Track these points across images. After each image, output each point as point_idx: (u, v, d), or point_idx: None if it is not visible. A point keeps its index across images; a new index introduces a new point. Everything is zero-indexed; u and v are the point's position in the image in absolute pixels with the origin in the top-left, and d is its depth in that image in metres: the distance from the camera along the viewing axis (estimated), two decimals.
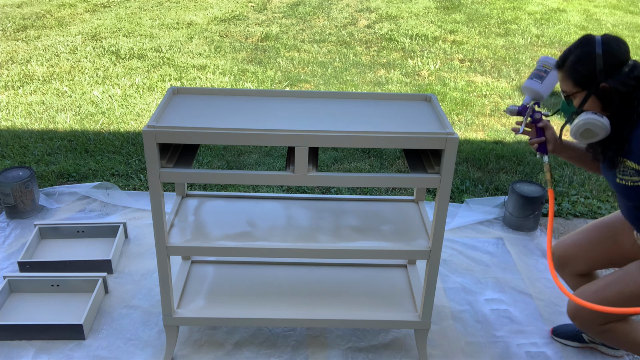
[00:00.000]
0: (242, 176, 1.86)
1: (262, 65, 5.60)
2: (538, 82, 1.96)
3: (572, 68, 1.77)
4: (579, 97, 1.80)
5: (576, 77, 1.77)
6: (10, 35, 6.34)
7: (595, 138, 1.80)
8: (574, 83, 1.79)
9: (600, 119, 1.75)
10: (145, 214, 3.21)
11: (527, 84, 1.98)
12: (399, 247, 2.04)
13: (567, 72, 1.80)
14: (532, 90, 1.97)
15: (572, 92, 1.81)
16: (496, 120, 4.52)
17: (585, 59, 1.74)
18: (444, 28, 6.82)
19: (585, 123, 1.77)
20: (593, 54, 1.73)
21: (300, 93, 2.14)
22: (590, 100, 1.78)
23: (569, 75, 1.79)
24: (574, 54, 1.77)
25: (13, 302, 2.50)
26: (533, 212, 3.08)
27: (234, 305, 2.22)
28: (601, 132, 1.77)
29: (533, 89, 1.96)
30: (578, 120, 1.78)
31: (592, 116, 1.76)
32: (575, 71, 1.77)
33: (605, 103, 1.77)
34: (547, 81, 1.95)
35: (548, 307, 2.59)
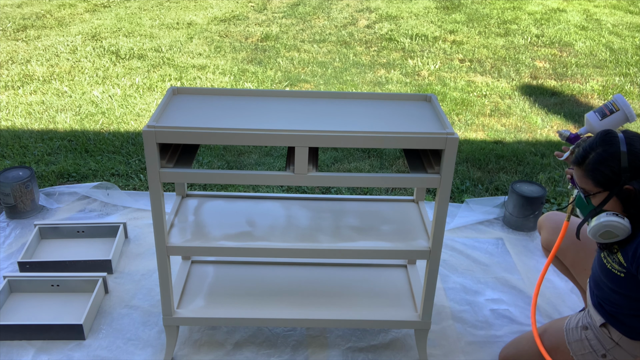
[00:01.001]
0: (242, 176, 1.86)
1: (262, 65, 5.60)
2: (598, 118, 1.94)
3: (595, 168, 1.68)
4: (600, 197, 1.71)
5: (598, 177, 1.69)
6: (10, 35, 6.34)
7: (614, 239, 1.71)
8: (595, 183, 1.70)
9: (622, 220, 1.66)
10: (145, 214, 3.21)
11: (589, 116, 1.98)
12: (399, 247, 2.04)
13: (588, 171, 1.70)
14: (590, 123, 1.97)
15: (592, 192, 1.73)
16: (496, 120, 4.52)
17: (609, 159, 1.66)
18: (444, 28, 6.82)
19: (607, 225, 1.68)
20: (617, 154, 1.65)
21: (300, 93, 2.14)
22: (612, 201, 1.70)
23: (591, 175, 1.70)
24: (596, 153, 1.68)
25: (13, 302, 2.50)
26: (533, 212, 3.08)
27: (234, 305, 2.22)
28: (622, 233, 1.68)
29: (591, 122, 1.96)
30: (599, 221, 1.69)
31: (614, 218, 1.67)
32: (597, 172, 1.68)
33: (627, 204, 1.68)
34: (607, 121, 1.93)
35: (548, 307, 2.59)
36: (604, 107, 1.97)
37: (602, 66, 5.79)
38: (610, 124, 1.93)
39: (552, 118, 4.62)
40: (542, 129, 4.44)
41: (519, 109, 4.76)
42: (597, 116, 1.96)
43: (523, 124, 4.49)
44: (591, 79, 5.46)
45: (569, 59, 5.97)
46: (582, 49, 6.25)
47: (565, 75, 5.57)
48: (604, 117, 1.94)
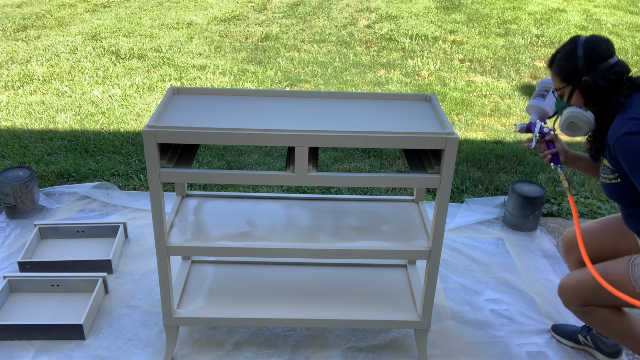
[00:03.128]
0: (242, 176, 1.86)
1: (262, 65, 5.60)
2: (541, 100, 2.07)
3: (558, 65, 1.92)
4: (566, 92, 1.94)
5: (561, 72, 1.91)
6: (10, 35, 6.34)
7: (580, 132, 1.92)
8: (560, 79, 1.93)
9: (584, 112, 1.88)
10: (145, 214, 3.21)
11: (532, 103, 2.10)
12: (399, 247, 2.04)
13: (554, 68, 1.94)
14: (537, 107, 2.09)
15: (559, 88, 1.95)
16: (496, 120, 4.52)
17: (569, 56, 1.89)
18: (444, 28, 6.82)
19: (570, 116, 1.90)
20: (576, 51, 1.87)
21: (300, 93, 2.14)
22: (575, 95, 1.91)
23: (556, 72, 1.94)
24: (560, 53, 1.92)
25: (13, 302, 2.50)
26: (533, 212, 3.08)
27: (234, 305, 2.22)
28: (584, 125, 1.89)
29: (537, 106, 2.08)
30: (564, 114, 1.92)
31: (576, 110, 1.89)
32: (560, 67, 1.91)
33: (587, 97, 1.89)
34: (549, 99, 2.07)
35: (548, 308, 2.59)
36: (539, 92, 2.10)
37: None
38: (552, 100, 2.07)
39: (552, 118, 4.61)
40: None
41: (519, 109, 4.76)
42: (540, 99, 2.08)
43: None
44: None
45: None
46: None
47: None
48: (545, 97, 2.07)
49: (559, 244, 3.06)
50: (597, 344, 2.30)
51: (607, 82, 1.84)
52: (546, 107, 2.07)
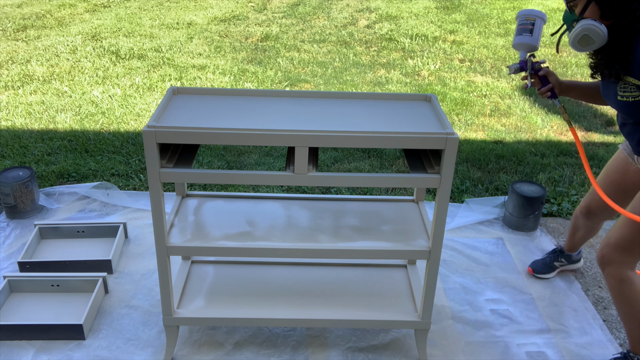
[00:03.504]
0: (242, 176, 1.86)
1: (262, 65, 5.60)
2: (528, 36, 2.00)
3: None
4: (581, 5, 1.84)
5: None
6: (10, 35, 6.34)
7: (592, 46, 1.84)
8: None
9: (599, 25, 1.79)
10: (145, 214, 3.21)
11: (519, 40, 2.02)
12: (399, 247, 2.04)
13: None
14: (525, 44, 2.02)
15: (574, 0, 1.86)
16: (496, 120, 4.52)
17: None
18: (444, 28, 6.82)
19: (583, 29, 1.81)
20: None
21: (300, 93, 2.14)
22: (591, 7, 1.82)
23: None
24: None
25: (13, 302, 2.50)
26: (533, 212, 3.08)
27: (234, 305, 2.22)
28: (598, 39, 1.81)
29: (526, 43, 2.01)
30: (576, 27, 1.83)
31: (590, 22, 1.79)
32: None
33: (604, 9, 1.80)
34: (536, 32, 2.00)
35: (548, 307, 2.59)
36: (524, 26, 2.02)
37: None
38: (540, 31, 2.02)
39: (552, 118, 4.62)
40: (542, 129, 4.44)
41: (519, 109, 4.76)
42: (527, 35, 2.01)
43: (523, 124, 4.49)
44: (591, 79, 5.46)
45: (569, 59, 5.97)
46: None
47: (565, 75, 5.57)
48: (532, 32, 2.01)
49: (559, 243, 3.06)
50: (571, 260, 2.75)
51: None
52: (535, 43, 2.01)
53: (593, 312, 2.57)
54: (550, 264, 2.77)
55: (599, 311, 2.59)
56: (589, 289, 2.73)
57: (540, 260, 2.81)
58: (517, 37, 2.03)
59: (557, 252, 2.78)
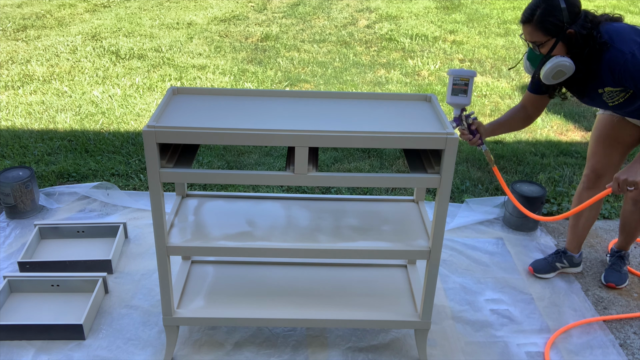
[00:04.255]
0: (242, 176, 1.86)
1: (262, 65, 5.60)
2: (463, 96, 2.18)
3: (543, 20, 2.05)
4: (548, 45, 2.10)
5: (547, 27, 2.06)
6: (10, 35, 6.34)
7: (563, 77, 2.13)
8: (545, 33, 2.08)
9: (567, 60, 2.09)
10: (145, 214, 3.21)
11: (455, 101, 2.20)
12: (399, 247, 2.04)
13: (537, 25, 2.07)
14: (461, 104, 2.21)
15: (542, 42, 2.10)
16: None
17: (553, 11, 2.04)
18: (444, 28, 6.82)
19: (557, 65, 2.09)
20: (558, 6, 2.04)
21: (300, 93, 2.14)
22: (558, 46, 2.10)
23: (540, 27, 2.07)
24: (541, 9, 2.05)
25: (13, 302, 2.50)
26: (533, 212, 3.08)
27: (234, 305, 2.22)
28: (569, 71, 2.11)
29: (461, 103, 2.20)
30: (550, 65, 2.10)
31: (562, 59, 2.09)
32: (546, 22, 2.05)
33: (570, 46, 2.09)
34: (469, 91, 2.18)
35: (548, 307, 2.59)
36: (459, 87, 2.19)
37: None
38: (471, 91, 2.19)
39: (552, 118, 4.62)
40: (542, 129, 4.44)
41: None
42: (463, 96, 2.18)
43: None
44: None
45: None
46: None
47: None
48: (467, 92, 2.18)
49: (559, 243, 3.06)
50: (572, 262, 2.78)
51: (586, 29, 2.06)
52: (468, 102, 2.19)
53: (593, 312, 2.57)
54: (551, 264, 2.78)
55: (599, 311, 2.59)
56: (589, 289, 2.73)
57: (542, 259, 2.82)
58: (452, 96, 2.19)
59: (560, 253, 2.79)
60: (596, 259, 2.94)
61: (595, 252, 3.00)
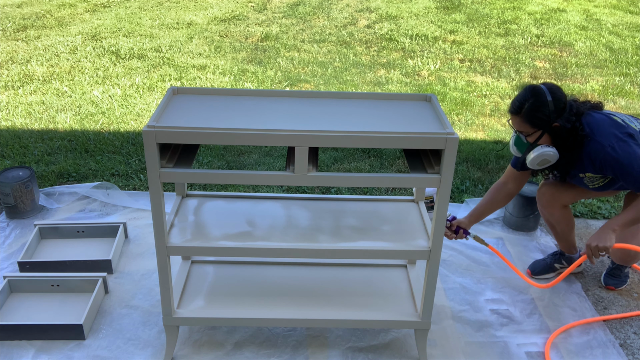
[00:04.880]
0: (242, 176, 1.86)
1: (262, 65, 5.60)
2: None
3: (531, 114, 2.19)
4: (535, 136, 2.24)
5: (535, 121, 2.19)
6: (10, 35, 6.34)
7: (547, 164, 2.29)
8: (532, 125, 2.21)
9: (552, 150, 2.24)
10: (145, 214, 3.21)
11: None
12: (399, 247, 2.04)
13: (525, 117, 2.20)
14: None
15: (529, 133, 2.24)
16: (496, 120, 4.52)
17: (540, 107, 2.17)
18: (444, 28, 6.82)
19: (542, 154, 2.24)
20: (546, 102, 2.17)
21: (300, 93, 2.14)
22: (544, 137, 2.25)
23: (527, 120, 2.20)
24: (529, 103, 2.18)
25: (13, 302, 2.50)
26: (533, 212, 3.08)
27: (234, 305, 2.22)
28: (553, 159, 2.26)
29: None
30: (536, 154, 2.24)
31: (547, 149, 2.24)
32: (534, 117, 2.19)
33: (554, 137, 2.24)
34: None
35: (548, 307, 2.59)
36: None
37: (602, 66, 5.79)
38: None
39: None
40: None
41: None
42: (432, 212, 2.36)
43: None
44: (591, 79, 5.46)
45: (569, 59, 5.97)
46: (582, 49, 6.25)
47: (565, 75, 5.57)
48: None
49: None
50: (572, 262, 2.77)
51: (571, 123, 2.21)
52: None
53: (593, 312, 2.57)
54: (550, 265, 2.78)
55: (599, 311, 2.59)
56: (589, 289, 2.73)
57: (541, 260, 2.82)
58: None
59: (558, 254, 2.79)
60: None
61: None
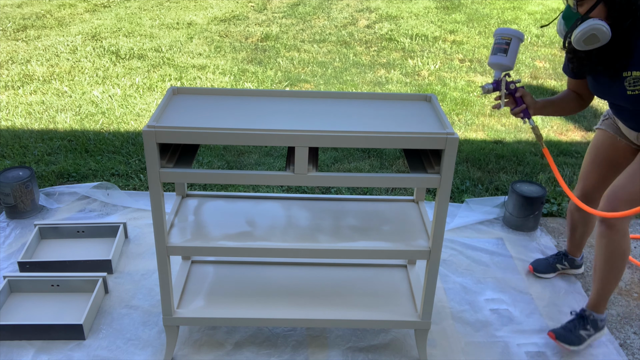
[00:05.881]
0: (242, 176, 1.86)
1: (262, 65, 5.60)
2: (503, 56, 2.00)
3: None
4: (589, 3, 1.88)
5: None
6: (10, 35, 6.34)
7: (596, 44, 1.90)
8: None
9: (605, 25, 1.85)
10: (145, 214, 3.21)
11: (494, 60, 2.03)
12: (399, 247, 2.04)
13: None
14: (500, 64, 2.02)
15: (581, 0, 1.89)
16: (496, 120, 4.52)
17: None
18: (444, 28, 6.82)
19: (592, 28, 1.86)
20: None
21: (300, 93, 2.14)
22: (598, 8, 1.87)
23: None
24: None
25: (13, 302, 2.50)
26: (533, 212, 3.08)
27: (234, 305, 2.22)
28: (604, 38, 1.87)
29: (501, 63, 2.02)
30: (584, 27, 1.87)
31: (597, 22, 1.85)
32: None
33: (611, 10, 1.86)
34: (511, 52, 2.00)
35: (548, 307, 2.59)
36: (500, 46, 2.02)
37: None
38: (515, 51, 2.02)
39: (552, 118, 4.62)
40: (542, 129, 4.43)
41: None
42: (502, 55, 2.00)
43: (523, 124, 4.49)
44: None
45: None
46: None
47: (566, 75, 5.57)
48: (507, 52, 2.00)
49: (559, 243, 3.06)
50: (574, 264, 2.75)
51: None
52: (509, 63, 2.01)
53: None
54: (552, 265, 2.77)
55: None
56: (589, 289, 2.73)
57: (543, 259, 2.81)
58: (492, 56, 2.04)
59: (562, 255, 2.77)
60: None
61: None
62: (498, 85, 2.08)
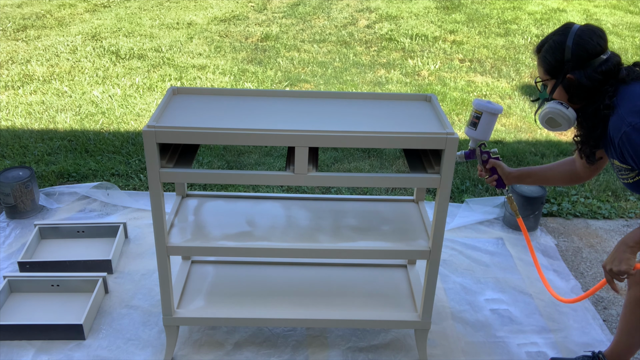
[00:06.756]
0: (242, 176, 1.86)
1: (262, 65, 5.60)
2: (473, 130, 2.02)
3: (544, 56, 1.80)
4: (550, 85, 1.82)
5: (546, 65, 1.79)
6: (10, 35, 6.34)
7: (559, 128, 1.82)
8: (544, 71, 1.81)
9: (565, 109, 1.77)
10: (145, 214, 3.21)
11: (466, 131, 2.07)
12: (399, 247, 2.04)
13: (540, 59, 1.82)
14: (471, 137, 2.06)
15: (543, 79, 1.84)
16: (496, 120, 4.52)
17: (556, 49, 1.75)
18: (444, 28, 6.82)
19: (549, 112, 1.80)
20: (564, 45, 1.73)
21: (300, 93, 2.14)
22: (559, 90, 1.79)
23: (541, 63, 1.82)
24: (549, 42, 1.78)
25: (13, 302, 2.50)
26: (533, 212, 3.08)
27: (234, 305, 2.22)
28: (564, 122, 1.79)
29: (471, 136, 2.05)
30: (544, 108, 1.81)
31: (557, 106, 1.77)
32: (545, 59, 1.79)
33: (570, 94, 1.77)
34: (481, 126, 2.00)
35: (548, 307, 2.59)
36: (472, 119, 2.03)
37: None
38: (487, 125, 2.00)
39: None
40: (542, 129, 4.43)
41: (519, 109, 4.76)
42: (472, 129, 2.03)
43: (523, 124, 4.49)
44: None
45: None
46: None
47: None
48: (477, 126, 2.01)
49: (559, 243, 3.06)
50: None
51: (593, 82, 1.71)
52: (479, 137, 2.01)
53: (593, 312, 2.57)
54: None
55: (599, 311, 2.59)
56: (589, 289, 2.73)
57: None
58: (466, 127, 2.05)
59: None
60: (596, 259, 2.95)
61: (596, 252, 3.00)
62: (472, 154, 2.10)
